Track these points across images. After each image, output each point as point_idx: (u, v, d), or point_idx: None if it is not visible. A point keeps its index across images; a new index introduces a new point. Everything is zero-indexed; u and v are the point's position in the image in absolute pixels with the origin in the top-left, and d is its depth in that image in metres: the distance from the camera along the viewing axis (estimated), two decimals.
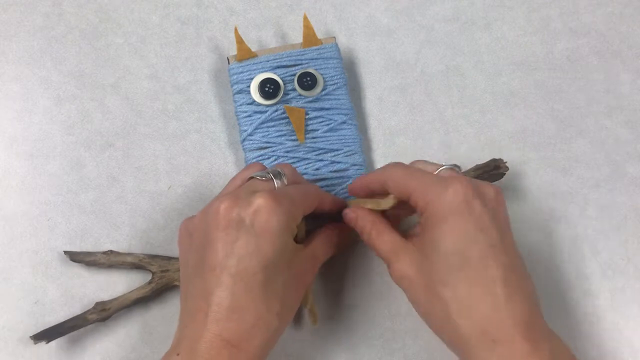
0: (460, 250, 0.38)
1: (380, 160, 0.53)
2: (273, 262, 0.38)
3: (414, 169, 0.42)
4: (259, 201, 0.38)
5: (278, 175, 0.42)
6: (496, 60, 0.55)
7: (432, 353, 0.47)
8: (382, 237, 0.42)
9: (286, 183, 0.42)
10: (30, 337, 0.45)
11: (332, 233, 0.46)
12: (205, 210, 0.40)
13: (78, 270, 0.49)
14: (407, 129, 0.53)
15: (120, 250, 0.49)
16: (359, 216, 0.44)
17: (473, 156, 0.52)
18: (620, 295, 0.49)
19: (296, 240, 0.42)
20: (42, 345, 0.46)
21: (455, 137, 0.53)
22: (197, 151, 0.53)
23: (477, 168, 0.49)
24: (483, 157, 0.52)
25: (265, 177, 0.42)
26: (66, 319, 0.46)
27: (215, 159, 0.53)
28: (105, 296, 0.48)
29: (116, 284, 0.49)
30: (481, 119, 0.54)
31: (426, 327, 0.48)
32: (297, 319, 0.48)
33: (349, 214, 0.45)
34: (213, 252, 0.38)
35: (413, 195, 0.40)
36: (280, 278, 0.39)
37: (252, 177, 0.42)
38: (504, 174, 0.49)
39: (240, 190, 0.40)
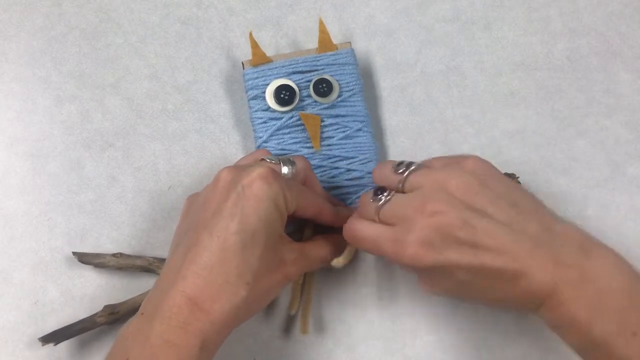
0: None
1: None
2: (252, 229, 0.38)
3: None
4: (256, 171, 0.39)
5: (288, 162, 0.43)
6: (496, 60, 0.55)
7: (432, 353, 0.47)
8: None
9: (294, 172, 0.43)
10: (39, 339, 0.44)
11: (327, 238, 0.46)
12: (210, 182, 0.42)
13: (78, 270, 0.49)
14: (407, 129, 0.53)
15: (124, 252, 0.49)
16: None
17: None
18: None
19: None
20: (42, 345, 0.46)
21: (455, 137, 0.53)
22: (197, 151, 0.53)
23: None
24: (483, 157, 0.52)
25: (275, 161, 0.43)
26: (66, 319, 0.46)
27: (215, 159, 0.53)
28: (107, 296, 0.48)
29: (115, 284, 0.49)
30: (481, 119, 0.53)
31: (426, 327, 0.48)
32: (294, 320, 0.48)
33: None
34: (203, 213, 0.39)
35: None
36: (257, 250, 0.38)
37: (262, 159, 0.43)
38: None
39: (245, 164, 0.42)
